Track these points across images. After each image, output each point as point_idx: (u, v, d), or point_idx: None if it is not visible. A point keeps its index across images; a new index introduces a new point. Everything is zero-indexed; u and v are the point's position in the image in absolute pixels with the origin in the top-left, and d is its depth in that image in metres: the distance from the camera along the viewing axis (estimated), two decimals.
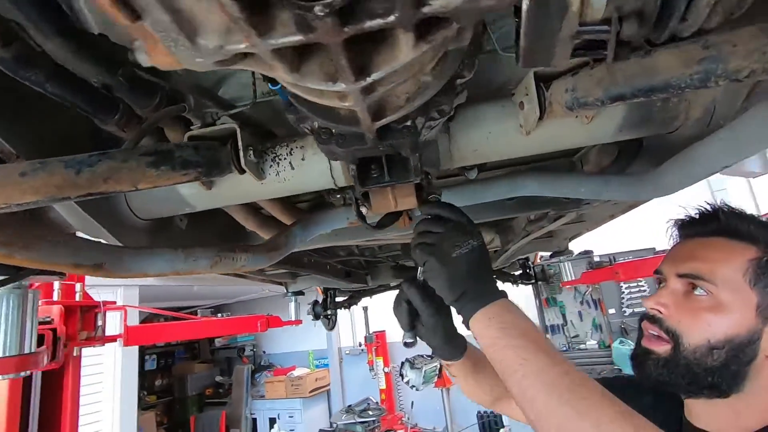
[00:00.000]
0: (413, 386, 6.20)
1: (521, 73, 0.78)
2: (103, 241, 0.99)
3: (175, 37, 0.30)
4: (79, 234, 1.01)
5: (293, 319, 3.19)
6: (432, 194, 0.88)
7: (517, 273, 4.11)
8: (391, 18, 0.30)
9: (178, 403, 8.30)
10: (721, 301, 0.77)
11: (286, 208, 1.19)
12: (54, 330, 1.39)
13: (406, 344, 1.00)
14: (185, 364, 8.83)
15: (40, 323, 1.49)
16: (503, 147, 0.88)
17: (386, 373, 7.14)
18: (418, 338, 0.95)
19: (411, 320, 0.94)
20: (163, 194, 0.94)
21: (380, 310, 7.40)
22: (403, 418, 6.85)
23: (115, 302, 2.51)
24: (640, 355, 0.87)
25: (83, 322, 2.36)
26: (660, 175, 0.81)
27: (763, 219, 0.84)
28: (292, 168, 0.90)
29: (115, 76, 0.72)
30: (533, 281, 4.08)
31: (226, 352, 9.20)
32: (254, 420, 7.77)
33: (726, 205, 0.86)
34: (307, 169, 0.89)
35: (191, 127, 0.86)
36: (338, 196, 1.11)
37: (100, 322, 2.41)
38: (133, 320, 4.36)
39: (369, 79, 0.39)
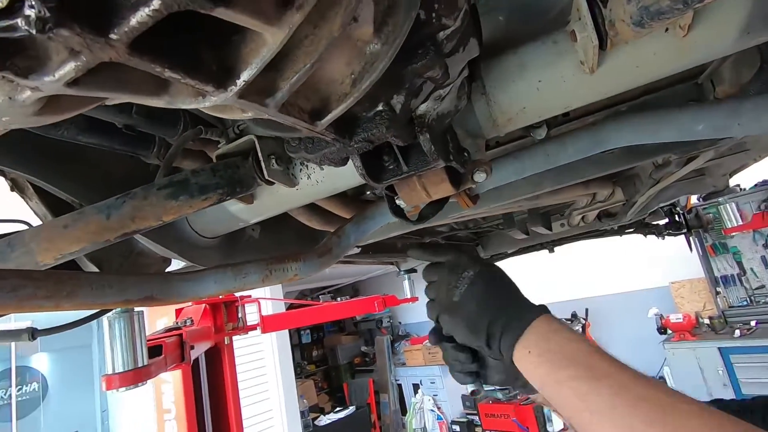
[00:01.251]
0: None
1: None
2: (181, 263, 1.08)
3: None
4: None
5: (408, 296, 3.22)
6: (477, 168, 0.72)
7: (662, 223, 3.44)
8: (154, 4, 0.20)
9: (333, 371, 9.35)
10: None
11: (343, 203, 1.14)
12: (180, 335, 1.63)
13: (473, 393, 0.87)
14: (334, 336, 9.86)
15: (173, 329, 1.76)
16: (562, 96, 0.67)
17: None
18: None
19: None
20: (216, 214, 0.97)
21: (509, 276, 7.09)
22: None
23: (250, 296, 2.84)
24: None
25: (228, 315, 2.74)
26: None
27: None
28: (321, 168, 0.83)
29: (130, 114, 0.74)
30: (684, 230, 3.35)
31: (367, 324, 9.95)
32: (399, 386, 8.30)
33: None
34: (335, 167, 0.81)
35: (218, 146, 0.85)
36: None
37: (240, 314, 2.77)
38: (280, 308, 4.96)
39: (241, 81, 0.29)
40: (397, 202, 0.79)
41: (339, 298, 3.55)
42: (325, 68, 0.37)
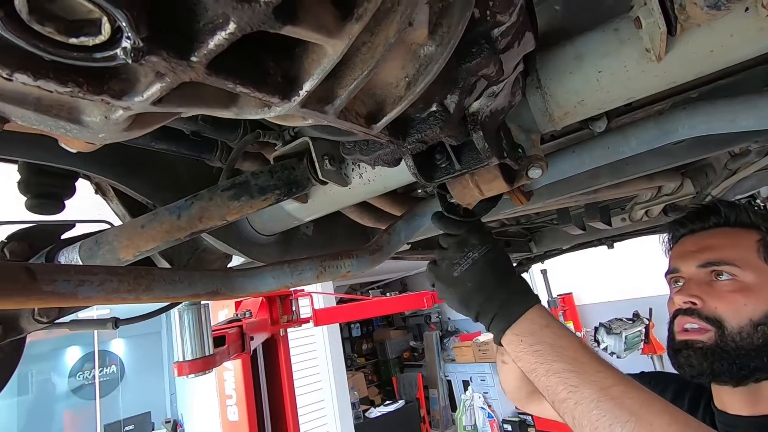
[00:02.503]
0: (613, 353, 5.52)
1: None
2: (241, 260, 1.14)
3: (63, 125, 0.28)
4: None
5: None
6: (532, 165, 0.70)
7: None
8: (231, 26, 0.22)
9: (382, 365, 9.47)
10: (748, 281, 0.79)
11: (394, 200, 1.15)
12: (241, 327, 1.73)
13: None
14: (383, 330, 9.97)
15: (234, 321, 1.86)
16: (625, 87, 0.63)
17: None
18: None
19: None
20: (273, 213, 1.02)
21: (564, 272, 6.80)
22: None
23: (303, 290, 2.95)
24: (682, 350, 0.83)
25: (283, 308, 2.86)
26: None
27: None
28: (373, 168, 0.85)
29: (197, 121, 0.79)
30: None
31: (415, 320, 9.97)
32: (449, 382, 8.25)
33: (719, 199, 0.96)
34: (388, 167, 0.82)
35: (275, 148, 0.89)
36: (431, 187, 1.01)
37: (294, 308, 2.88)
38: (331, 303, 5.10)
39: (303, 92, 0.31)
40: (450, 200, 0.78)
41: (388, 294, 3.58)
42: (381, 73, 0.38)
